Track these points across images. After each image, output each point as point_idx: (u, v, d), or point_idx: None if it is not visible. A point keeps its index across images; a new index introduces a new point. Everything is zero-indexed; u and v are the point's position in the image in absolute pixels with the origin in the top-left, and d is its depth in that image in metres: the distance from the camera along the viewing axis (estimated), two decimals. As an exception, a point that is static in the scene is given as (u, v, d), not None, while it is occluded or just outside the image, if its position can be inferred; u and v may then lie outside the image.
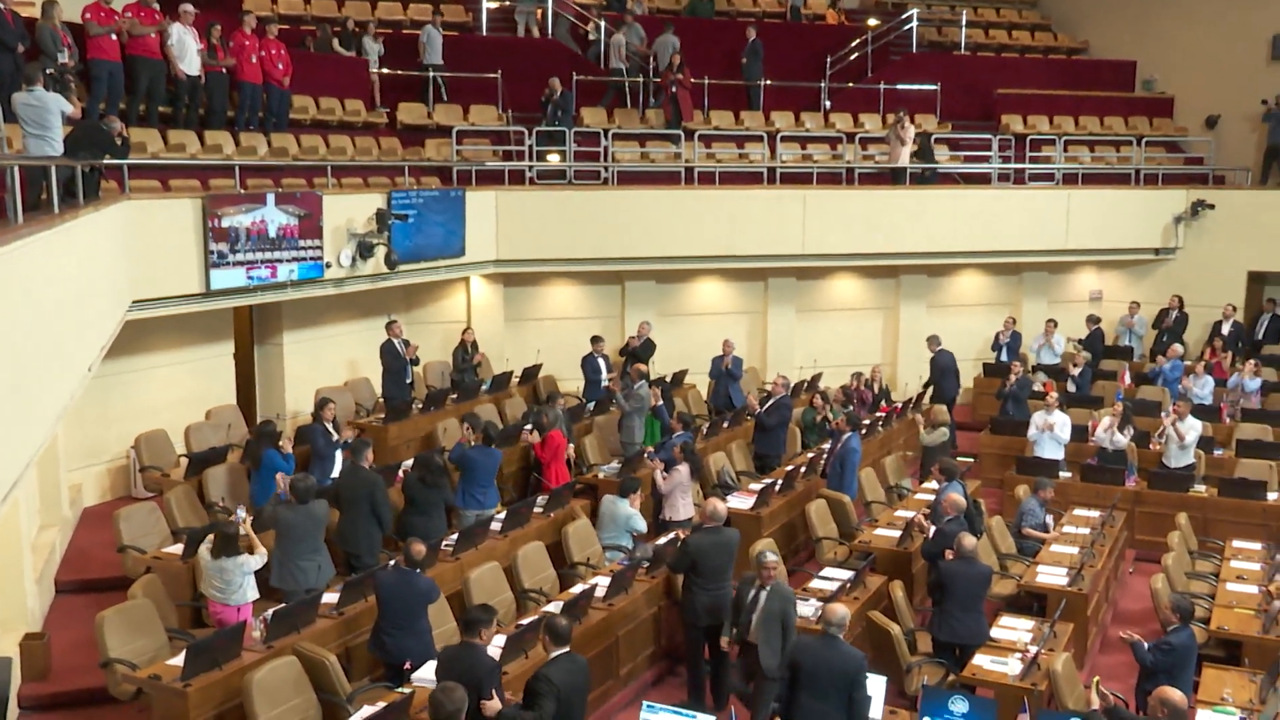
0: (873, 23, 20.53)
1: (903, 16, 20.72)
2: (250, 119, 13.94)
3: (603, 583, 8.88)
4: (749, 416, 13.84)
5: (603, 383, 14.46)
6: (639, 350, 15.21)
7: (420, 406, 13.22)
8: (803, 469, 12.20)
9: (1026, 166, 18.61)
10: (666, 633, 9.43)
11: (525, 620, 8.17)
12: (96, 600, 9.01)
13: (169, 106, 13.11)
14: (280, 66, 14.11)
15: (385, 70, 16.71)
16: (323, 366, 14.08)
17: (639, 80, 18.20)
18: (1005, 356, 16.71)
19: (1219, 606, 9.29)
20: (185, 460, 11.32)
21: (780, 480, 11.72)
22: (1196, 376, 15.29)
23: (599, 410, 13.90)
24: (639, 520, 10.16)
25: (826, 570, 9.85)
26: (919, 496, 11.92)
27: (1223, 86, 19.53)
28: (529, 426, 11.90)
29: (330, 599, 8.29)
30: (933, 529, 9.38)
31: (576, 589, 8.90)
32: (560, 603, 8.40)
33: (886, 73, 19.88)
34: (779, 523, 11.34)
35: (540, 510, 10.51)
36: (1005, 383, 15.07)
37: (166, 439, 11.95)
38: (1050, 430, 13.06)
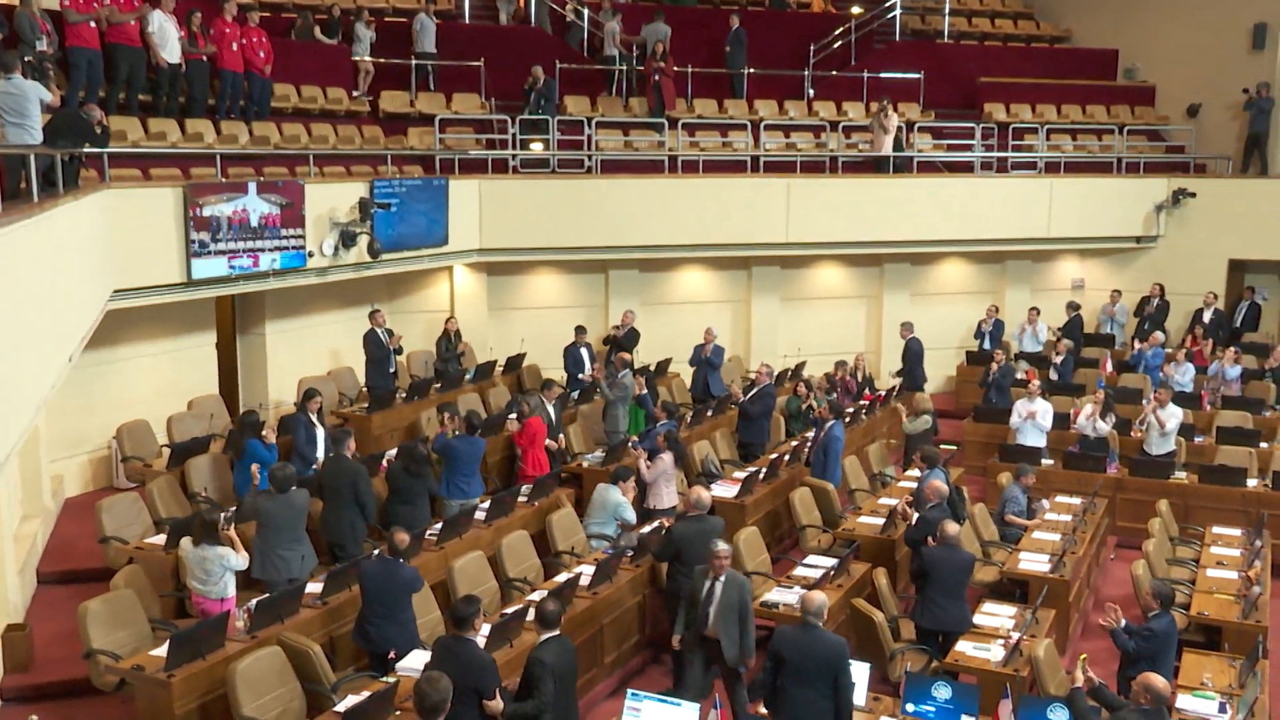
0: (856, 11, 20.53)
1: (886, 5, 20.69)
2: (232, 107, 13.87)
3: (587, 571, 8.89)
4: (733, 405, 13.86)
5: (581, 375, 14.48)
6: (623, 339, 15.21)
7: (404, 396, 13.20)
8: (786, 457, 12.23)
9: (1009, 155, 18.65)
10: (651, 621, 9.45)
11: (510, 609, 8.18)
12: (79, 591, 8.97)
13: (149, 94, 13.05)
14: (262, 54, 14.03)
15: (370, 58, 16.59)
16: (306, 356, 14.01)
17: (621, 69, 18.17)
18: (988, 345, 16.75)
19: (1199, 592, 9.35)
20: (167, 450, 11.27)
21: (764, 468, 11.74)
22: (1178, 364, 15.39)
23: (583, 399, 13.91)
24: (628, 510, 10.16)
25: (810, 558, 9.89)
26: (902, 484, 11.96)
27: (1204, 75, 19.60)
28: (513, 415, 11.91)
29: (314, 589, 8.27)
30: (915, 516, 9.42)
31: (561, 578, 8.91)
32: (544, 591, 8.40)
33: (870, 61, 19.89)
34: (763, 511, 11.37)
35: (525, 499, 10.51)
36: (988, 371, 15.12)
37: (148, 429, 11.89)
38: (1032, 418, 13.12)
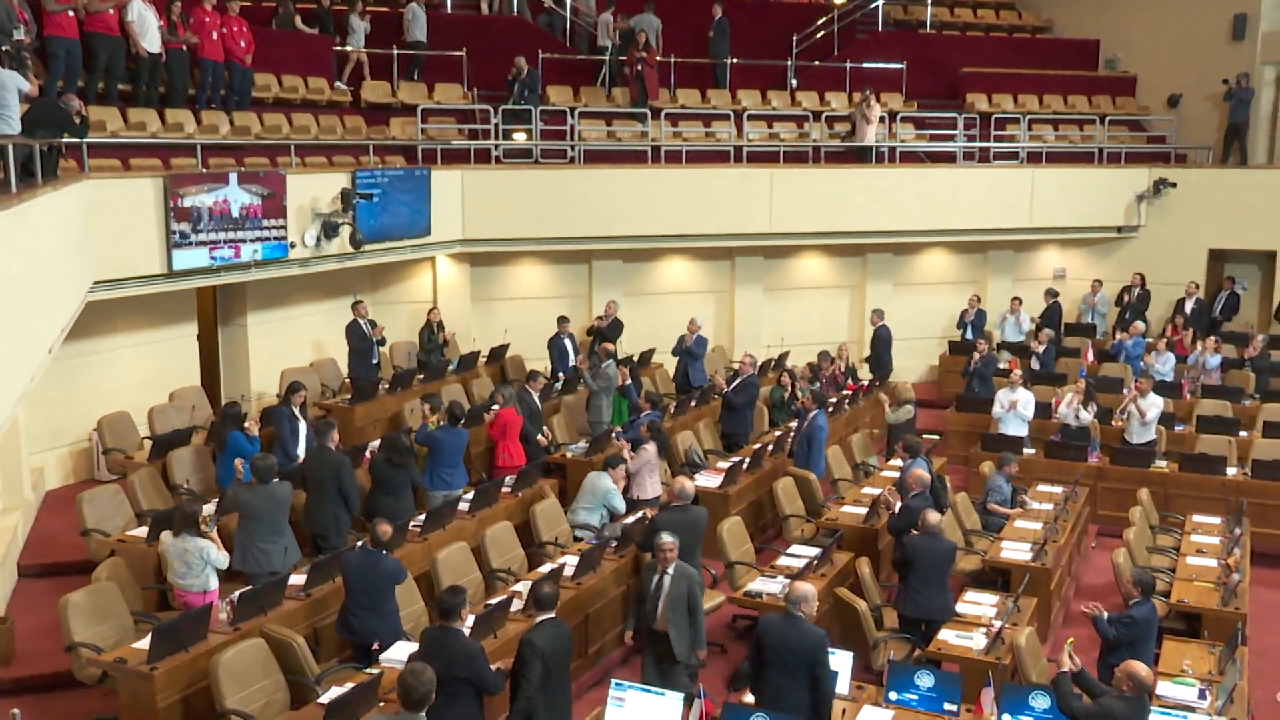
0: (839, 1, 20.51)
1: (869, -6, 20.74)
2: (212, 97, 13.77)
3: (571, 562, 8.89)
4: (716, 395, 13.88)
5: (569, 365, 14.46)
6: (606, 330, 15.19)
7: (387, 387, 13.15)
8: (770, 447, 12.26)
9: (991, 145, 18.69)
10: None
11: (494, 600, 8.18)
12: (60, 584, 8.92)
13: (129, 84, 12.93)
14: (242, 44, 13.91)
15: (349, 48, 16.51)
16: (288, 347, 13.95)
17: (606, 60, 18.14)
18: (970, 334, 16.83)
19: (1179, 580, 9.42)
20: (149, 442, 11.20)
21: (748, 458, 11.78)
22: (1158, 353, 15.48)
23: (566, 390, 13.90)
24: (617, 497, 10.16)
25: (794, 547, 9.92)
26: (885, 474, 12.02)
27: (1185, 66, 19.68)
28: (495, 406, 11.88)
29: (297, 580, 8.25)
30: (898, 505, 9.46)
31: (545, 568, 8.92)
32: (529, 582, 8.40)
33: (852, 51, 19.89)
34: (746, 501, 11.40)
35: (508, 490, 10.50)
36: (970, 360, 15.18)
37: (130, 421, 11.83)
38: (1014, 407, 13.18)
